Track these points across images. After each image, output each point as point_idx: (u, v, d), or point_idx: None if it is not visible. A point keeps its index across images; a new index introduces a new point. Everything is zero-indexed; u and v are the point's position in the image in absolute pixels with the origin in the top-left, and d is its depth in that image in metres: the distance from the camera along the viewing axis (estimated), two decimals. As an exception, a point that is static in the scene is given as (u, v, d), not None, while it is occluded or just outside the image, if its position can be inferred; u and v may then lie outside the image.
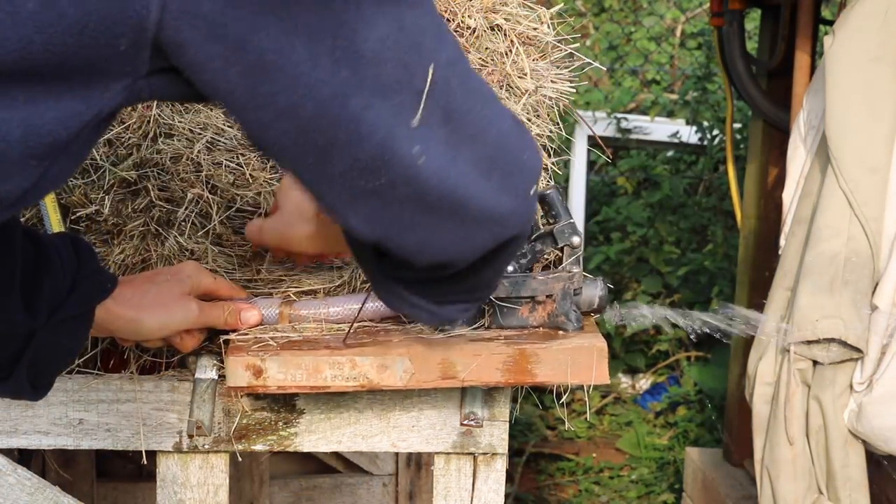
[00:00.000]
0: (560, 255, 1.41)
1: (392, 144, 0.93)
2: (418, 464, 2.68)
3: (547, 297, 1.37)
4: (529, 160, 1.05)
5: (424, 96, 0.92)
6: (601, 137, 3.17)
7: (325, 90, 0.89)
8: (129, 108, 1.50)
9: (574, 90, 1.61)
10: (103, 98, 0.88)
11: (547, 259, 1.45)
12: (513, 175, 1.03)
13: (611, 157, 5.46)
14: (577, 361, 1.31)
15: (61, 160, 0.91)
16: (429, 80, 0.92)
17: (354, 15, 0.88)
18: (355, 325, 1.37)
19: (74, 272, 1.20)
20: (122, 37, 0.84)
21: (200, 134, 1.49)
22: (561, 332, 1.37)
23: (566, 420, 1.57)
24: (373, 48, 0.89)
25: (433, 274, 1.08)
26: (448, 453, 1.43)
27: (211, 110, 1.53)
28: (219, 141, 1.49)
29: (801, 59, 2.67)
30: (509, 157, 1.03)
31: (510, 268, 1.37)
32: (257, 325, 1.38)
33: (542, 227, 1.41)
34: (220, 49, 0.86)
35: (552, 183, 1.55)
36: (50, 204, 1.42)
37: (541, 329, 1.38)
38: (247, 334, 1.36)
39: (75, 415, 1.41)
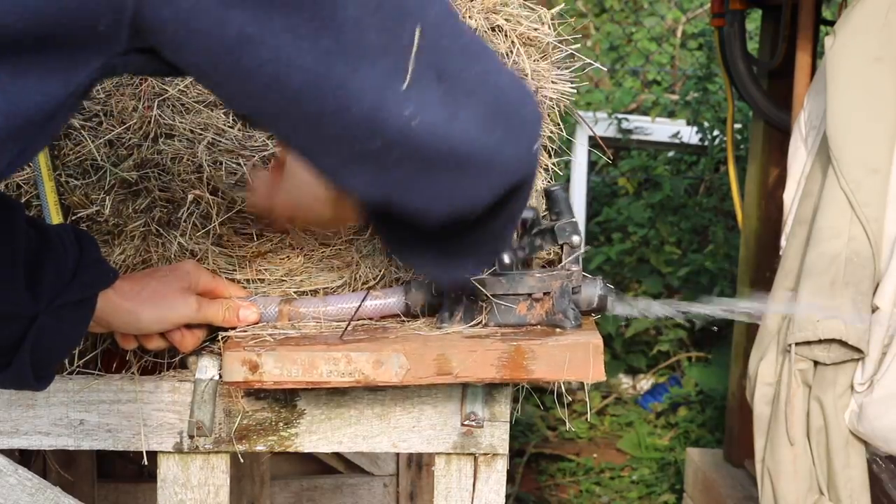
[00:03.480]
0: (560, 253, 1.41)
1: (382, 108, 0.92)
2: (419, 464, 2.68)
3: (544, 294, 1.37)
4: (531, 113, 1.05)
5: (412, 58, 0.92)
6: (602, 138, 3.17)
7: (308, 59, 0.88)
8: (130, 109, 1.50)
9: (575, 91, 1.61)
10: (79, 76, 0.88)
11: (547, 256, 1.45)
12: (515, 128, 1.03)
13: (612, 157, 5.45)
14: (573, 358, 1.31)
15: (38, 139, 0.91)
16: (416, 41, 0.92)
17: None
18: (353, 322, 1.37)
19: (77, 259, 1.20)
20: (102, 17, 0.84)
21: (201, 135, 1.49)
22: (558, 330, 1.37)
23: (567, 421, 1.57)
24: (353, 14, 0.89)
25: (442, 231, 1.07)
26: (449, 454, 1.43)
27: (212, 111, 1.53)
28: (220, 142, 1.49)
29: (802, 60, 2.67)
30: (510, 110, 1.02)
31: (506, 259, 1.36)
32: (256, 323, 1.38)
33: (543, 222, 1.41)
34: (201, 25, 0.86)
35: (555, 182, 1.55)
36: (52, 206, 1.42)
37: (538, 326, 1.38)
38: (245, 331, 1.37)
39: (76, 415, 1.41)
